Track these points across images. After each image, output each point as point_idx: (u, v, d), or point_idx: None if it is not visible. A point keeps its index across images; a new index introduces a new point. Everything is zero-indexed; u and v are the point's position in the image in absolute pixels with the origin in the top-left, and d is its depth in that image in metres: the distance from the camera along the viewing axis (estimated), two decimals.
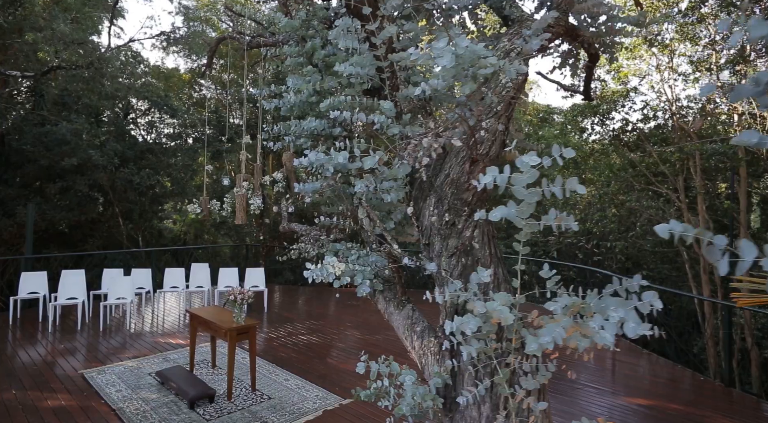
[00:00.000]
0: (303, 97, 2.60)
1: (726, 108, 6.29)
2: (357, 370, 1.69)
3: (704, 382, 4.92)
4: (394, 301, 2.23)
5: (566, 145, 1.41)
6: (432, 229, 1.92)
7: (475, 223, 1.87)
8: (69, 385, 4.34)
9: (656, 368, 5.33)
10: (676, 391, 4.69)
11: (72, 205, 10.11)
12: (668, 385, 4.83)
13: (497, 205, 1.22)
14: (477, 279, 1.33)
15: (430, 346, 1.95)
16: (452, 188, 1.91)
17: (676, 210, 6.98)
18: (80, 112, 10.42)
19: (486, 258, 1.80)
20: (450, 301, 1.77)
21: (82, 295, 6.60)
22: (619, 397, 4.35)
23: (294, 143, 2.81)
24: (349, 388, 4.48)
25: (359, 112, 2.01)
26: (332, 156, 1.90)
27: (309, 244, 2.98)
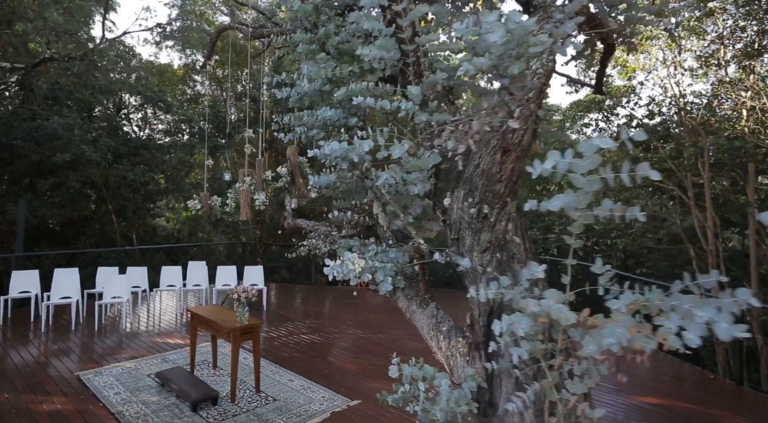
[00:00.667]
0: (317, 85, 2.48)
1: (734, 103, 6.28)
2: (390, 374, 1.57)
3: (713, 380, 4.89)
4: (416, 299, 2.13)
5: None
6: (462, 223, 1.81)
7: (509, 216, 1.77)
8: (64, 387, 4.18)
9: (662, 366, 5.29)
10: (684, 389, 4.65)
11: (64, 201, 9.87)
12: (675, 383, 4.78)
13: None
14: (529, 275, 1.23)
15: (459, 347, 1.84)
16: (483, 179, 1.80)
17: (681, 206, 6.96)
18: (72, 106, 10.16)
19: (521, 253, 1.69)
20: (485, 299, 1.67)
21: (76, 294, 6.41)
22: (625, 395, 4.29)
23: (305, 135, 2.68)
24: (355, 389, 4.39)
25: (383, 100, 1.89)
26: (356, 145, 1.78)
27: (320, 240, 2.86)
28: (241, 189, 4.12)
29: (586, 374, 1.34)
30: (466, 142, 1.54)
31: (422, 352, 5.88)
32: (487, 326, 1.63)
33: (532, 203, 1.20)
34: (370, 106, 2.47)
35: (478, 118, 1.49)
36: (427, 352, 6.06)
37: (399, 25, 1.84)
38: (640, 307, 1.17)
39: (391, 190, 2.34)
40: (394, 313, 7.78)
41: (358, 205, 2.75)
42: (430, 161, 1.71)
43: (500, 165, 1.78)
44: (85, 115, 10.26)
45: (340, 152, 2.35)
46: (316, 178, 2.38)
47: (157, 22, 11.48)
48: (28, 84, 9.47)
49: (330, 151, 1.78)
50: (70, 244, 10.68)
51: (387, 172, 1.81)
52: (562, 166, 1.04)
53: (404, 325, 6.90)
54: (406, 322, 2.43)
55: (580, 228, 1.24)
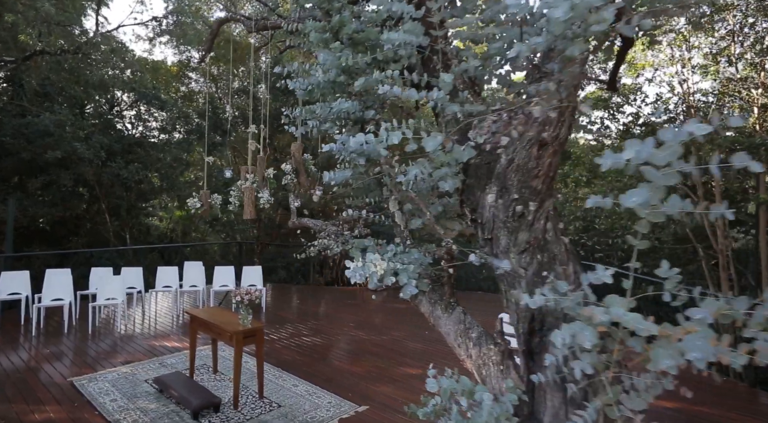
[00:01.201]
0: (331, 75, 2.34)
1: (744, 101, 6.21)
2: (427, 388, 1.43)
3: (726, 383, 4.82)
4: (440, 303, 1.99)
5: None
6: (495, 222, 1.68)
7: (547, 214, 1.64)
8: (57, 394, 4.00)
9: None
10: (699, 393, 4.57)
11: (55, 200, 9.61)
12: (690, 387, 4.70)
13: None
14: (595, 278, 1.10)
15: (491, 355, 1.71)
16: (518, 175, 1.67)
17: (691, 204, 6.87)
18: (63, 103, 9.90)
19: (562, 254, 1.57)
20: (524, 304, 1.54)
21: (69, 295, 6.20)
22: None
23: (318, 128, 2.54)
24: (362, 394, 4.25)
25: (409, 89, 1.76)
26: (382, 137, 1.65)
27: (331, 240, 2.72)
28: (244, 187, 3.96)
29: (648, 389, 1.21)
30: (510, 134, 1.41)
31: (425, 354, 5.73)
32: (529, 334, 1.50)
33: (596, 199, 1.08)
34: (395, 97, 2.33)
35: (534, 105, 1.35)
36: (431, 354, 5.92)
37: (429, 8, 1.71)
38: (720, 316, 1.05)
39: (414, 187, 2.21)
40: (394, 314, 7.65)
41: (373, 203, 2.61)
42: (464, 155, 1.58)
43: (537, 160, 1.66)
44: (77, 111, 10.00)
45: (356, 147, 2.21)
46: (332, 173, 2.24)
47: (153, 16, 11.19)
48: (17, 79, 9.20)
49: (353, 144, 1.63)
50: (62, 244, 10.41)
51: (415, 166, 1.67)
52: (644, 155, 0.91)
53: (405, 326, 6.77)
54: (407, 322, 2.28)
55: (647, 227, 1.11)
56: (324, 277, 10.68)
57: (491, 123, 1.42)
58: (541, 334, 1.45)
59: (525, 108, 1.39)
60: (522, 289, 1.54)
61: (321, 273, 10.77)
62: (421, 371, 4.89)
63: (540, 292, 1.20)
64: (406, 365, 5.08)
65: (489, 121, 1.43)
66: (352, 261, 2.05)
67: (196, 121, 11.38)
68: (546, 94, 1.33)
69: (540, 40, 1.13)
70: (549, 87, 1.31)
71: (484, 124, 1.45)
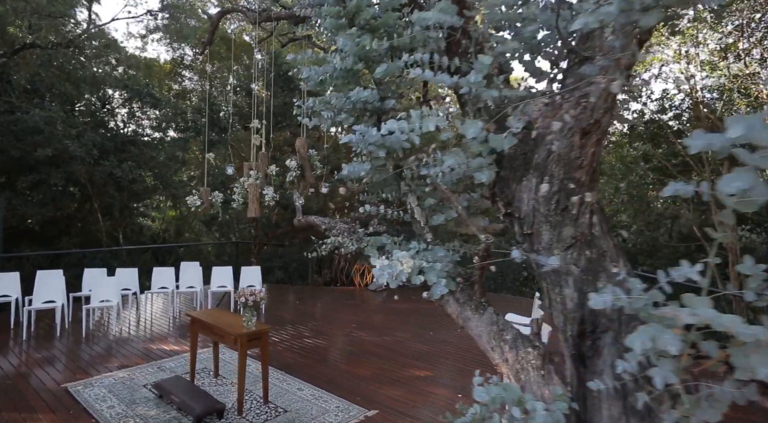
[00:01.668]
0: (348, 63, 2.21)
1: (752, 97, 6.19)
2: (475, 396, 1.31)
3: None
4: (470, 303, 1.87)
5: None
6: (536, 216, 1.56)
7: (592, 208, 1.53)
8: (51, 401, 3.81)
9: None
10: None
11: (46, 199, 9.34)
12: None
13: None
14: (678, 275, 0.98)
15: (529, 359, 1.59)
16: (560, 166, 1.55)
17: (699, 202, 6.85)
18: (54, 99, 9.63)
19: (611, 249, 1.46)
20: (573, 305, 1.43)
21: (61, 297, 5.98)
22: None
23: (333, 120, 2.41)
24: (371, 397, 4.12)
25: (442, 73, 1.63)
26: (414, 123, 1.52)
27: (345, 237, 2.59)
28: (248, 183, 3.81)
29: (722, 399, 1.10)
30: (562, 118, 1.29)
31: (430, 356, 5.59)
32: (578, 337, 1.39)
33: (677, 186, 0.96)
34: (426, 82, 2.20)
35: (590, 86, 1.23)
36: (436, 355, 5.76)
37: None
38: None
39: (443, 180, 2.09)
40: (396, 315, 7.53)
41: (390, 198, 2.48)
42: (505, 143, 1.46)
43: (580, 149, 1.54)
44: (68, 108, 9.74)
45: (376, 138, 2.09)
46: (350, 166, 2.11)
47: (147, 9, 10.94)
48: (5, 75, 8.92)
49: (373, 135, 1.51)
50: (52, 244, 10.13)
51: (451, 156, 1.55)
52: (754, 134, 0.79)
53: (408, 326, 6.65)
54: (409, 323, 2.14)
55: (733, 218, 1.00)
56: (323, 277, 10.53)
57: (542, 106, 1.30)
58: (594, 336, 1.33)
59: (580, 90, 1.27)
60: (570, 287, 1.43)
61: (320, 273, 10.62)
62: (427, 373, 4.77)
63: (606, 290, 1.08)
64: (412, 367, 4.96)
65: (539, 105, 1.31)
66: (368, 259, 1.92)
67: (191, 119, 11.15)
68: (606, 72, 1.22)
69: (612, 8, 1.01)
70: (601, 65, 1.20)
71: (532, 108, 1.33)
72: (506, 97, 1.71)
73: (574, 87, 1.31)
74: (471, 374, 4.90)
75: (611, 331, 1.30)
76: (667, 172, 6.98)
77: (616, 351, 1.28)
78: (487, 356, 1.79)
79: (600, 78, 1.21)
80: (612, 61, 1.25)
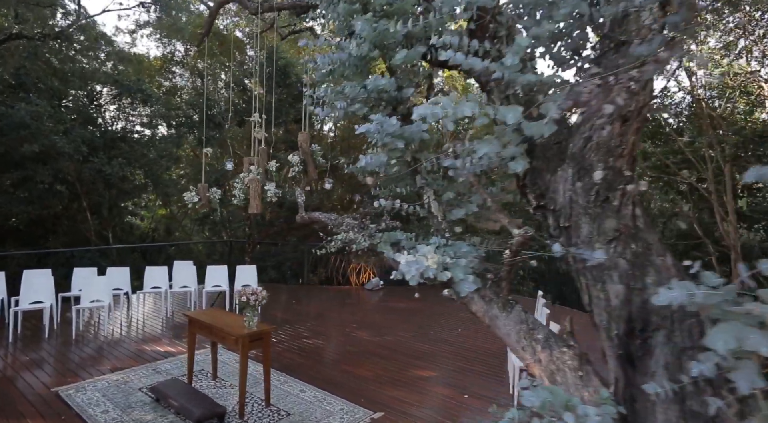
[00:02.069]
0: (364, 50, 2.10)
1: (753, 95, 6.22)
2: (523, 401, 1.21)
3: None
4: (497, 301, 1.78)
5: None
6: (574, 208, 1.47)
7: (633, 199, 1.45)
8: (41, 406, 3.64)
9: None
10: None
11: (32, 197, 9.05)
12: None
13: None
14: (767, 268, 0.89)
15: (565, 360, 1.51)
16: (598, 155, 1.47)
17: (699, 200, 6.88)
18: (40, 95, 9.33)
19: (657, 243, 1.38)
20: (619, 301, 1.35)
21: (50, 298, 5.77)
22: None
23: (346, 110, 2.30)
24: (375, 399, 4.01)
25: (471, 57, 1.54)
26: (446, 107, 1.42)
27: (357, 233, 2.48)
28: (248, 179, 3.68)
29: None
30: (614, 101, 1.20)
31: (432, 355, 5.48)
32: (626, 336, 1.30)
33: (763, 170, 0.88)
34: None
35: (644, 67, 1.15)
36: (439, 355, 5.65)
37: None
38: None
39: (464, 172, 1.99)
40: (394, 314, 7.44)
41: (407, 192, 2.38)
42: (545, 129, 1.37)
43: (620, 137, 1.46)
44: (56, 103, 9.45)
45: (394, 128, 2.01)
46: (367, 158, 2.01)
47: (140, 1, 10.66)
48: None
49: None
50: (38, 244, 9.83)
51: (485, 144, 1.45)
52: None
53: (408, 326, 6.56)
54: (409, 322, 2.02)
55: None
56: (318, 276, 10.39)
57: (594, 88, 1.21)
58: (644, 335, 1.25)
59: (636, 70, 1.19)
60: (615, 283, 1.34)
61: (315, 272, 10.47)
62: (430, 373, 4.68)
63: (675, 285, 0.99)
64: (415, 367, 4.87)
65: (590, 86, 1.22)
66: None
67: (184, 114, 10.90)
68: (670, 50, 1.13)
69: None
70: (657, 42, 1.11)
71: (583, 90, 1.24)
72: (539, 83, 1.62)
73: (628, 67, 1.22)
74: (474, 374, 4.84)
75: (663, 329, 1.22)
76: (667, 170, 7.00)
77: (670, 351, 1.19)
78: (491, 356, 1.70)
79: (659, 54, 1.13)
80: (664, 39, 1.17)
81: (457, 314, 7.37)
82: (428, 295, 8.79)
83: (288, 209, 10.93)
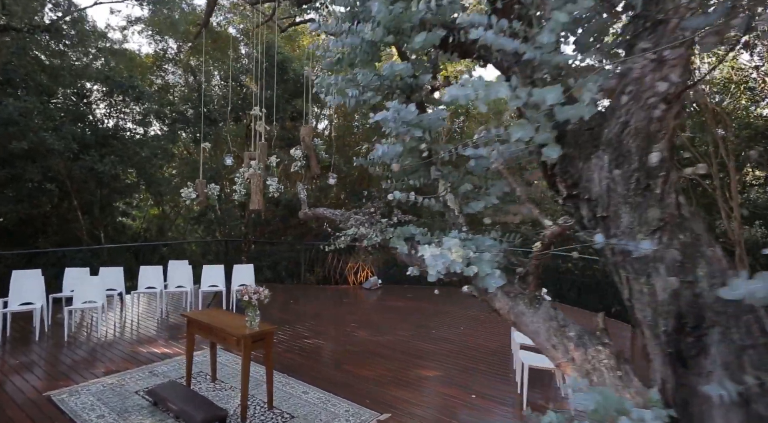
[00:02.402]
0: (378, 34, 2.00)
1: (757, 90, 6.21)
2: (573, 405, 1.12)
3: None
4: (523, 297, 1.68)
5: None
6: (612, 197, 1.38)
7: (675, 187, 1.36)
8: (32, 411, 3.49)
9: None
10: None
11: (21, 196, 8.81)
12: None
13: None
14: None
15: (602, 358, 1.42)
16: (637, 141, 1.38)
17: (702, 196, 6.87)
18: (29, 92, 9.08)
19: (704, 233, 1.29)
20: (667, 296, 1.26)
21: (41, 299, 5.59)
22: None
23: (358, 98, 2.20)
24: (381, 400, 3.90)
25: (502, 37, 1.44)
26: (478, 87, 1.32)
27: (369, 228, 2.38)
28: (248, 174, 3.56)
29: None
30: (668, 78, 1.11)
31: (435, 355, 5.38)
32: (676, 333, 1.21)
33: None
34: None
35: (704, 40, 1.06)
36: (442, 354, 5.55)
37: None
38: None
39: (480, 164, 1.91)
40: (394, 313, 7.34)
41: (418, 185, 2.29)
42: (585, 111, 1.28)
43: (660, 122, 1.37)
44: (45, 99, 9.20)
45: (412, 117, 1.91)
46: (384, 147, 1.91)
47: None
48: None
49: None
50: (27, 243, 9.58)
51: (519, 128, 1.36)
52: None
53: (408, 325, 6.46)
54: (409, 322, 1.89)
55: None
56: (315, 275, 10.26)
57: (647, 63, 1.12)
58: (698, 333, 1.16)
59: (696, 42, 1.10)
60: (662, 276, 1.25)
61: (312, 271, 10.34)
62: (435, 373, 4.59)
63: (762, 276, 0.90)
64: (418, 366, 4.78)
65: (644, 61, 1.13)
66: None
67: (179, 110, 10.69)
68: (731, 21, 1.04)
69: None
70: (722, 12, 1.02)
71: (635, 66, 1.15)
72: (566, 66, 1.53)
73: (682, 40, 1.13)
74: (478, 373, 4.73)
75: (718, 326, 1.13)
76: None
77: (728, 349, 1.11)
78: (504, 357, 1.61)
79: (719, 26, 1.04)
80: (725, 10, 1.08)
81: (457, 312, 7.29)
82: (426, 294, 8.71)
83: (285, 207, 10.78)
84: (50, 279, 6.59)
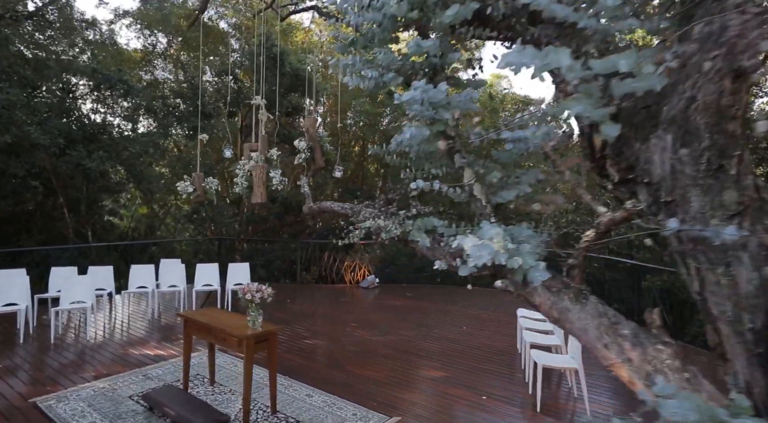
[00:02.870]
0: (403, 9, 1.85)
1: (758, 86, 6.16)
2: (663, 414, 0.98)
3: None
4: (567, 292, 1.54)
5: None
6: (679, 179, 1.25)
7: (750, 167, 1.23)
8: (17, 419, 3.26)
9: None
10: None
11: (5, 192, 8.46)
12: None
13: None
14: None
15: (664, 359, 1.28)
16: (706, 117, 1.25)
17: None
18: (12, 84, 8.72)
19: None
20: (753, 288, 1.12)
21: (25, 299, 5.32)
22: None
23: (378, 80, 2.04)
24: (388, 402, 3.75)
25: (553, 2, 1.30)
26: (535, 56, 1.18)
27: (388, 220, 2.22)
28: (249, 166, 3.37)
29: None
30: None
31: (441, 355, 5.21)
32: (765, 329, 1.08)
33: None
34: (553, 17, 1.85)
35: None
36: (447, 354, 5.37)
37: None
38: None
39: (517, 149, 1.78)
40: (394, 312, 7.18)
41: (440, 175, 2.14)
42: (657, 82, 1.14)
43: (732, 96, 1.24)
44: (29, 92, 8.85)
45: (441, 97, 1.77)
46: (411, 130, 1.76)
47: None
48: None
49: (439, 92, 1.16)
50: (12, 241, 9.21)
51: (576, 102, 1.21)
52: None
53: (409, 324, 6.32)
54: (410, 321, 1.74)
55: None
56: (311, 274, 10.06)
57: (751, 17, 0.98)
58: None
59: None
60: (745, 266, 1.12)
61: (308, 270, 10.14)
62: (442, 373, 4.45)
63: None
64: (423, 367, 4.64)
65: (746, 17, 0.99)
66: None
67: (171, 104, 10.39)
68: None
69: None
70: None
71: (733, 22, 1.01)
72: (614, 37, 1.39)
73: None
74: (486, 373, 4.57)
75: None
76: None
77: None
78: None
79: None
80: None
81: (458, 311, 7.17)
82: (425, 293, 8.58)
83: (281, 204, 10.56)
84: (35, 279, 6.30)
